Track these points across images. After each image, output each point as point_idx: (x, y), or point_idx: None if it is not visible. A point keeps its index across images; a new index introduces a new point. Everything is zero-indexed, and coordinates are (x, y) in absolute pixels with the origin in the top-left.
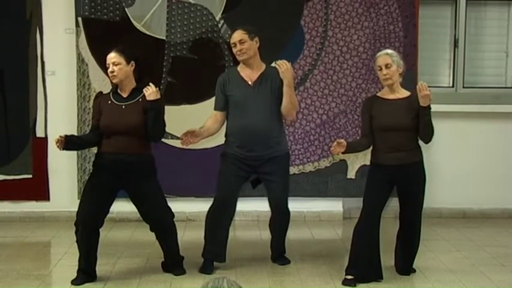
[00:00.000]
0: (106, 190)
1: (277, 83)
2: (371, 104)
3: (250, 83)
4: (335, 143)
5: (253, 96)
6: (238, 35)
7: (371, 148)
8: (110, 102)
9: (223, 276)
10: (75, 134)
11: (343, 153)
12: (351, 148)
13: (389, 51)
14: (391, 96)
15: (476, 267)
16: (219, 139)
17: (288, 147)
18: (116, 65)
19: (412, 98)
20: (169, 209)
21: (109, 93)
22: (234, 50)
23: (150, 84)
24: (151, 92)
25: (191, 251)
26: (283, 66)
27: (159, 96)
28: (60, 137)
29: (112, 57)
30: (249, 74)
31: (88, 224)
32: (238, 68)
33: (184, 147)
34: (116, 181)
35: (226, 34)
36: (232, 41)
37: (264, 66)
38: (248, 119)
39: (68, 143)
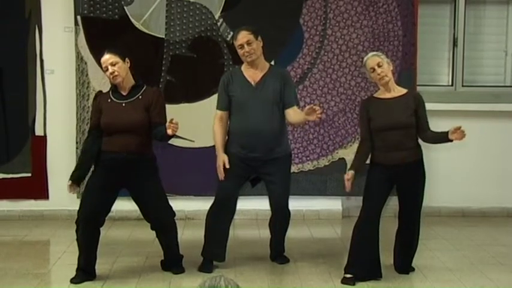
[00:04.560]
0: (107, 188)
1: (279, 84)
2: (368, 106)
3: (253, 83)
4: (349, 184)
5: (256, 97)
6: (244, 36)
7: None
8: (109, 100)
9: (220, 275)
10: (74, 133)
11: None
12: (359, 169)
13: (374, 52)
14: (388, 95)
15: (475, 266)
16: None
17: (290, 149)
18: (114, 64)
19: (409, 96)
20: (170, 207)
21: (108, 92)
22: (241, 52)
23: (173, 121)
24: (173, 130)
25: (190, 250)
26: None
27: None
28: (69, 185)
29: (108, 58)
30: (253, 74)
31: (89, 222)
32: (242, 68)
33: (186, 147)
34: (117, 179)
35: (226, 33)
36: (238, 42)
37: (267, 66)
38: (250, 120)
39: (78, 180)
